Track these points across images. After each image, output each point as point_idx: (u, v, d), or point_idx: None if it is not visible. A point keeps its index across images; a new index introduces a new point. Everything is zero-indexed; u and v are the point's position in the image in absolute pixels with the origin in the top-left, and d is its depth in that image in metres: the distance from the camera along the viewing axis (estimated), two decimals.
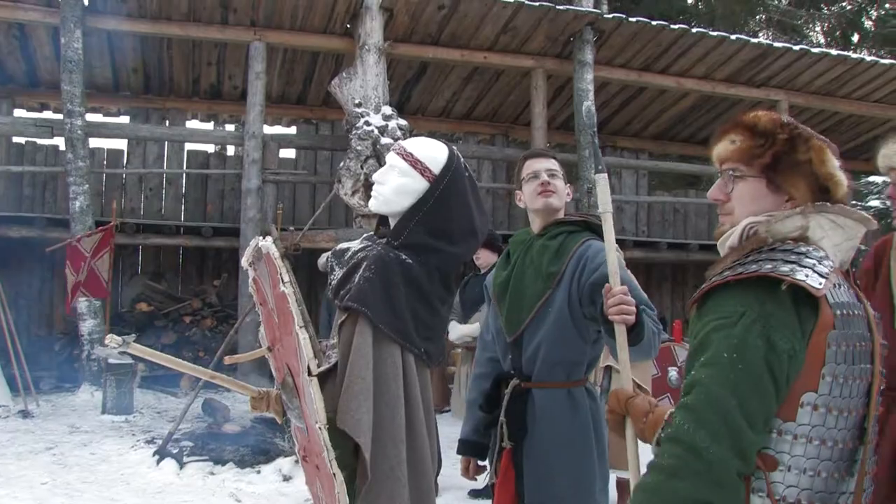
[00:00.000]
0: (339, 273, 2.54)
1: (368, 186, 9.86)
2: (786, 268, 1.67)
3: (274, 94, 11.90)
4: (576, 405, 2.93)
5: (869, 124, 14.71)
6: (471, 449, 3.16)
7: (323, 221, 11.52)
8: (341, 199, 9.97)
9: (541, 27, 10.97)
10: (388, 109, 10.14)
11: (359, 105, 10.00)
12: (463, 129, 13.95)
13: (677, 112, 14.00)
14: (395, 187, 2.51)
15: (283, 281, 2.04)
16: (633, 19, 11.16)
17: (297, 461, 6.42)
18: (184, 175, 12.09)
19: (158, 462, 6.55)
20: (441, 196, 2.50)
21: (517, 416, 2.95)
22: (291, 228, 7.99)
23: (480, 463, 3.21)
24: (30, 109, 12.42)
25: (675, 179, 17.18)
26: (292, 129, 13.26)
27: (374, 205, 2.56)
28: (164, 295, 11.09)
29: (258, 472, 6.35)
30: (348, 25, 10.46)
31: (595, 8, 11.39)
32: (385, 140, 9.78)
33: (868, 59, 12.79)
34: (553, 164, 3.15)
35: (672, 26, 11.37)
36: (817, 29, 20.61)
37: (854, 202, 9.20)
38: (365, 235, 2.71)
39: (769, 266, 1.69)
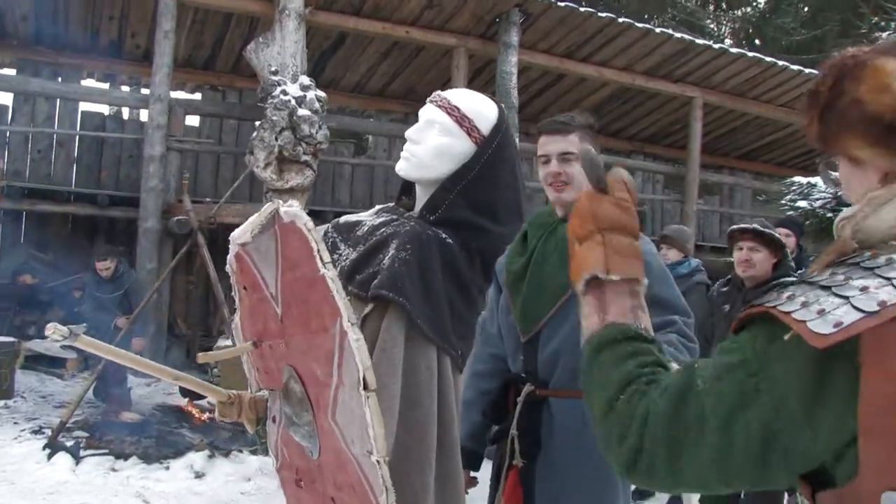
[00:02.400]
0: (349, 252, 2.06)
1: (282, 159, 9.31)
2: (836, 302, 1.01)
3: (180, 56, 11.06)
4: None
5: (772, 127, 14.97)
6: (464, 458, 2.72)
7: (225, 194, 10.82)
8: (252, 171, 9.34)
9: (467, 5, 10.55)
10: (306, 79, 9.54)
11: (275, 73, 9.37)
12: (376, 106, 13.43)
13: (594, 102, 13.81)
14: (434, 148, 2.03)
15: (322, 261, 1.56)
16: (562, 3, 10.87)
17: (210, 455, 5.87)
18: (77, 137, 11.14)
19: (50, 456, 5.84)
20: (488, 163, 2.04)
21: (531, 429, 2.53)
22: (208, 200, 7.34)
23: (473, 474, 2.79)
24: None
25: None
26: (197, 96, 12.44)
27: (405, 168, 2.08)
28: (51, 267, 10.18)
29: (167, 468, 5.76)
30: None
31: None
32: (302, 111, 9.19)
33: (780, 63, 12.91)
34: (568, 145, 2.61)
35: (600, 14, 11.15)
36: (724, 31, 20.90)
37: (783, 205, 9.17)
38: (380, 207, 2.23)
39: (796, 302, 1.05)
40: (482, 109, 2.07)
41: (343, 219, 2.23)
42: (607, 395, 1.22)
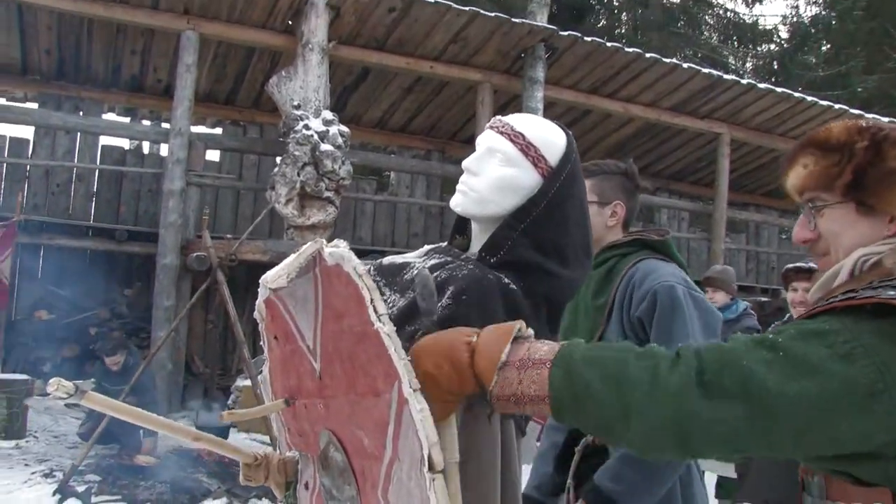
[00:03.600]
0: (395, 299, 1.82)
1: (304, 195, 9.14)
2: None
3: (201, 91, 10.95)
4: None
5: None
6: None
7: (245, 230, 10.63)
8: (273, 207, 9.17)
9: (493, 40, 10.41)
10: (328, 114, 9.41)
11: (297, 107, 9.24)
12: (398, 143, 13.27)
13: (619, 138, 13.65)
14: (495, 180, 1.78)
15: (376, 312, 1.33)
16: (588, 39, 10.73)
17: (228, 502, 5.62)
18: (97, 171, 11.03)
19: (60, 502, 5.60)
20: (556, 198, 1.79)
21: (588, 479, 2.32)
22: (228, 237, 7.14)
23: None
24: None
25: None
26: (217, 130, 12.32)
27: (462, 203, 1.83)
28: (68, 303, 10.00)
29: None
30: (290, 21, 9.67)
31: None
32: (325, 147, 9.05)
33: (809, 99, 12.69)
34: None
35: (626, 49, 10.99)
36: (747, 67, 20.75)
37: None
38: (431, 248, 1.99)
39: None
40: (550, 137, 1.83)
41: (387, 260, 1.99)
42: (637, 383, 1.24)
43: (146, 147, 12.41)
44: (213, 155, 11.34)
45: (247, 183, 11.40)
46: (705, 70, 11.83)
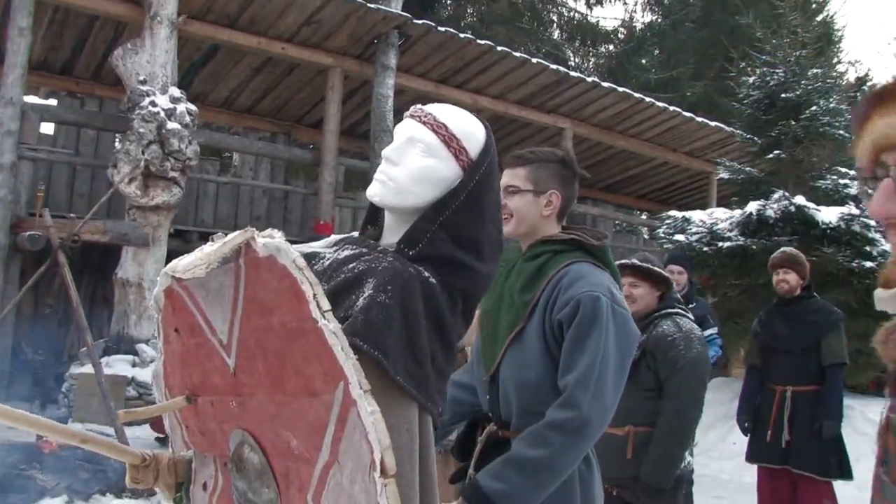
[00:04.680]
0: None
1: (148, 174, 8.75)
2: None
3: (35, 58, 10.25)
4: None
5: (636, 160, 15.38)
6: None
7: (83, 210, 10.06)
8: (111, 186, 8.72)
9: (347, 24, 10.30)
10: (176, 91, 9.04)
11: (143, 82, 8.83)
12: (243, 124, 12.90)
13: None
14: (416, 171, 1.74)
15: (320, 309, 1.27)
16: (442, 29, 10.78)
17: (68, 501, 5.32)
18: None
19: None
20: (475, 191, 1.76)
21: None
22: (72, 216, 6.71)
23: None
24: None
25: None
26: (52, 102, 11.59)
27: (380, 193, 1.76)
28: None
29: None
30: None
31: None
32: (172, 125, 8.69)
33: (647, 99, 13.24)
34: (511, 178, 2.47)
35: (479, 41, 11.11)
36: (589, 66, 21.42)
37: (661, 237, 9.31)
38: (341, 238, 1.92)
39: None
40: (471, 129, 1.80)
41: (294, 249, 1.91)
42: None
43: None
44: (46, 128, 10.68)
45: (84, 159, 10.80)
46: (553, 66, 12.13)
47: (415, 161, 1.76)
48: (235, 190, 12.32)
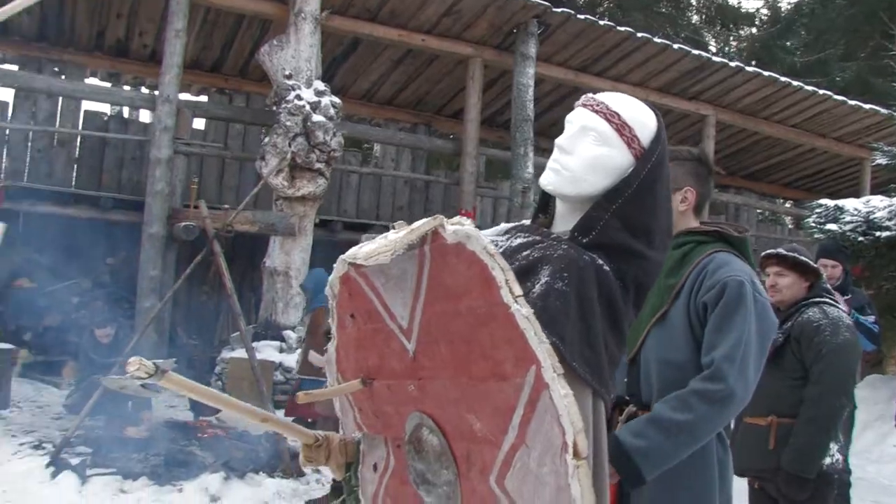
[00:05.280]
0: None
1: (294, 166, 9.02)
2: None
3: (187, 57, 10.70)
4: (703, 451, 2.31)
5: (781, 147, 14.82)
6: None
7: (232, 202, 10.46)
8: (258, 177, 9.05)
9: (486, 14, 10.31)
10: (320, 84, 9.28)
11: (289, 77, 9.10)
12: (384, 115, 13.12)
13: None
14: (589, 159, 1.74)
15: (512, 294, 1.27)
16: (582, 16, 10.66)
17: (226, 477, 5.54)
18: (79, 138, 10.80)
19: (54, 475, 5.44)
20: (647, 179, 1.75)
21: None
22: (226, 207, 7.01)
23: None
24: None
25: None
26: (202, 98, 12.10)
27: (555, 182, 1.78)
28: (48, 271, 9.80)
29: (180, 490, 5.39)
30: None
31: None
32: (317, 117, 8.92)
33: (794, 83, 12.73)
34: None
35: (619, 28, 10.93)
36: (730, 50, 20.77)
37: (811, 227, 8.93)
38: (512, 226, 1.93)
39: None
40: (643, 118, 1.79)
41: None
42: None
43: (125, 113, 12.18)
44: (198, 123, 11.17)
45: (235, 152, 11.21)
46: (695, 52, 11.81)
47: (588, 150, 1.76)
48: (377, 181, 12.55)
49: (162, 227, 8.91)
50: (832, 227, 8.40)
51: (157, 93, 9.50)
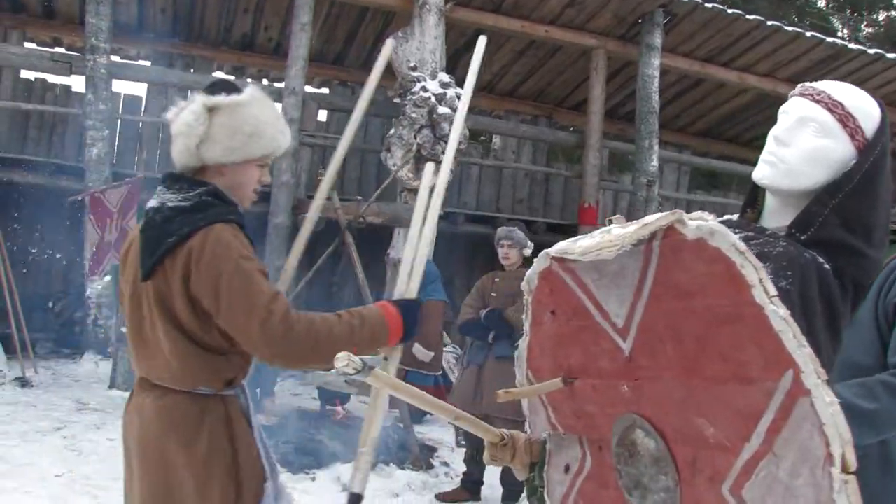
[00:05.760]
0: None
1: (420, 158, 9.02)
2: None
3: (311, 51, 10.88)
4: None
5: None
6: None
7: (353, 193, 10.54)
8: (387, 168, 9.11)
9: (610, 4, 10.12)
10: (445, 76, 9.26)
11: (414, 69, 9.11)
12: (504, 107, 13.04)
13: (729, 109, 13.22)
14: (809, 152, 1.66)
15: (767, 293, 1.18)
16: (709, 5, 10.34)
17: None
18: None
19: None
20: (869, 173, 1.66)
21: None
22: (358, 198, 7.07)
23: None
24: (41, 44, 11.30)
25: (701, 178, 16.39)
26: (324, 91, 12.26)
27: (770, 175, 1.70)
28: None
29: (312, 478, 5.46)
30: None
31: None
32: (442, 109, 8.91)
33: (890, 56, 12.00)
34: None
35: (747, 17, 10.56)
36: (861, 37, 19.91)
37: None
38: (722, 220, 1.84)
39: None
40: (867, 107, 1.69)
41: None
42: None
43: None
44: (320, 115, 11.32)
45: (359, 143, 11.32)
46: (829, 39, 11.33)
47: (808, 142, 1.69)
48: (498, 173, 12.48)
49: (287, 218, 9.06)
50: None
51: (282, 85, 9.66)
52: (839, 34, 19.73)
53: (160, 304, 2.21)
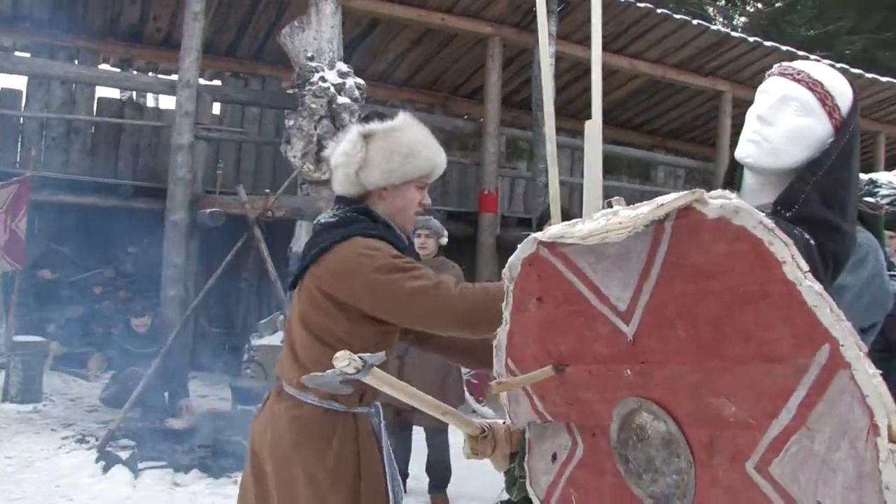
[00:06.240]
0: None
1: (320, 149, 8.87)
2: None
3: (203, 41, 10.57)
4: None
5: None
6: None
7: (249, 187, 10.23)
8: (284, 161, 8.92)
9: None
10: (343, 66, 9.11)
11: (311, 59, 8.93)
12: (400, 97, 12.96)
13: (621, 95, 13.49)
14: (791, 130, 1.71)
15: (800, 269, 1.17)
16: None
17: None
18: (93, 125, 10.63)
19: (105, 469, 5.33)
20: (845, 151, 1.72)
21: None
22: (266, 191, 6.87)
23: None
24: None
25: (607, 164, 16.71)
26: (216, 83, 11.93)
27: (754, 154, 1.73)
28: (70, 261, 9.67)
29: (235, 482, 5.27)
30: None
31: None
32: (342, 99, 8.77)
33: (812, 57, 12.59)
34: None
35: (638, 4, 10.79)
36: (738, 24, 20.65)
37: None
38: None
39: None
40: (842, 86, 1.76)
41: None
42: None
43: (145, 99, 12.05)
44: (214, 108, 11.00)
45: (254, 136, 11.07)
46: (714, 27, 11.70)
47: (790, 121, 1.73)
48: None
49: (185, 215, 8.78)
50: (868, 200, 8.32)
51: (174, 78, 9.35)
52: (713, 24, 20.40)
53: (302, 314, 2.34)
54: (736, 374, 1.30)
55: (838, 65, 13.12)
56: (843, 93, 1.72)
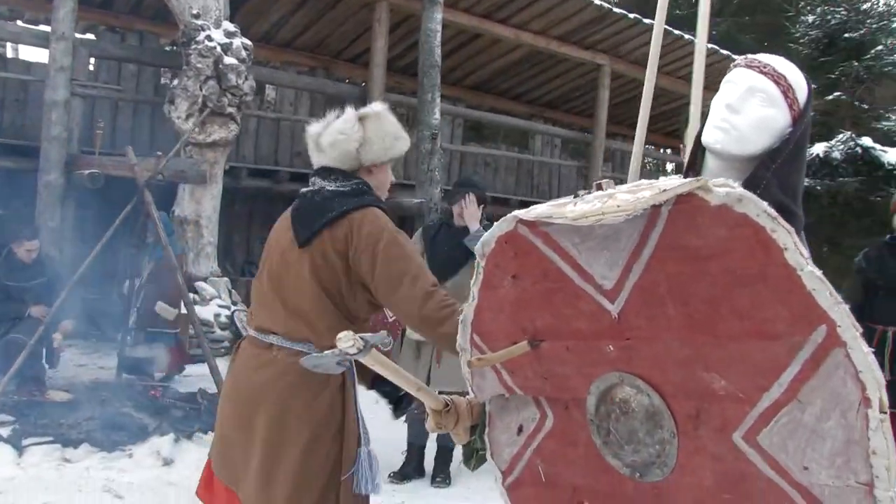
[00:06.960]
0: None
1: (204, 110, 8.62)
2: None
3: None
4: None
5: (667, 97, 15.20)
6: None
7: (123, 145, 9.79)
8: (163, 121, 8.66)
9: None
10: (230, 25, 8.90)
11: (197, 16, 8.67)
12: (282, 59, 12.65)
13: (503, 65, 13.65)
14: (756, 120, 1.82)
15: (802, 255, 1.27)
16: None
17: (176, 440, 5.30)
18: None
19: None
20: (800, 141, 1.88)
21: None
22: (159, 153, 6.56)
23: None
24: None
25: (484, 131, 16.91)
26: (90, 36, 11.35)
27: (723, 141, 1.84)
28: None
29: (129, 455, 5.09)
30: None
31: None
32: (228, 60, 8.56)
33: (686, 36, 13.05)
34: None
35: None
36: (615, 2, 21.12)
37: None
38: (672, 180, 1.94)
39: None
40: (801, 81, 1.90)
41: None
42: None
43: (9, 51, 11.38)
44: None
45: (131, 95, 10.61)
46: (597, 2, 11.93)
47: (756, 111, 1.83)
48: (276, 125, 12.11)
49: (60, 175, 8.40)
50: None
51: (46, 29, 8.88)
52: None
53: (314, 271, 2.60)
54: (729, 349, 1.38)
55: (709, 45, 13.70)
56: (801, 87, 1.84)
